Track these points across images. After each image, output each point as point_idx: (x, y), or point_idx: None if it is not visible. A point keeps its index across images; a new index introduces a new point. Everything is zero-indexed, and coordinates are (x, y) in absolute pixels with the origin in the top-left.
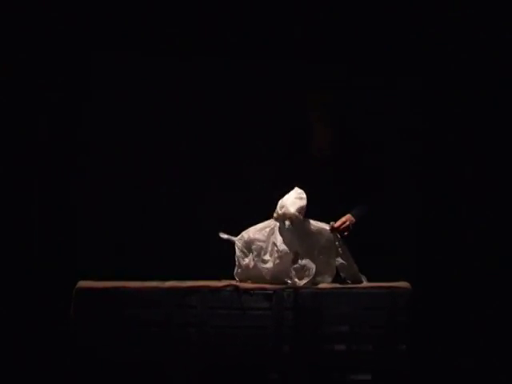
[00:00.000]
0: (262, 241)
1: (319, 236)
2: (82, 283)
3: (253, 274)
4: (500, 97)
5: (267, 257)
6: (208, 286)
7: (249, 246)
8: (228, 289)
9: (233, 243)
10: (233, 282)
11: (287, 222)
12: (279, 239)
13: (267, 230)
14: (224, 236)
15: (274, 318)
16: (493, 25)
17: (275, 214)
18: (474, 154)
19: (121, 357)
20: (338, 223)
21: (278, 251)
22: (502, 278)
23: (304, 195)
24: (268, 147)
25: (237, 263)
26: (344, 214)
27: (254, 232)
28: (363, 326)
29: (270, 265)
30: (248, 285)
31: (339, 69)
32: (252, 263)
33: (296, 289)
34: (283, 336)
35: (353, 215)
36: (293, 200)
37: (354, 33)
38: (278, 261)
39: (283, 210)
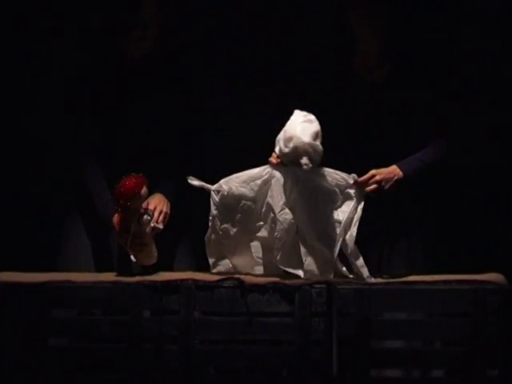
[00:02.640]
0: (249, 199)
1: (334, 195)
2: (4, 275)
3: (237, 250)
4: None
5: (261, 225)
6: (196, 280)
7: (230, 203)
8: (226, 284)
9: (207, 192)
10: (234, 275)
11: (304, 161)
12: (278, 200)
13: (258, 182)
14: (194, 182)
15: (297, 328)
16: None
17: (275, 157)
18: None
19: None
20: (361, 179)
21: (276, 221)
22: None
23: (313, 117)
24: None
25: (210, 224)
26: None
27: (239, 184)
28: (434, 342)
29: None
30: (258, 279)
31: None
32: (235, 230)
33: (331, 284)
34: (312, 356)
35: (400, 168)
36: (301, 125)
37: None
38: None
39: (293, 143)
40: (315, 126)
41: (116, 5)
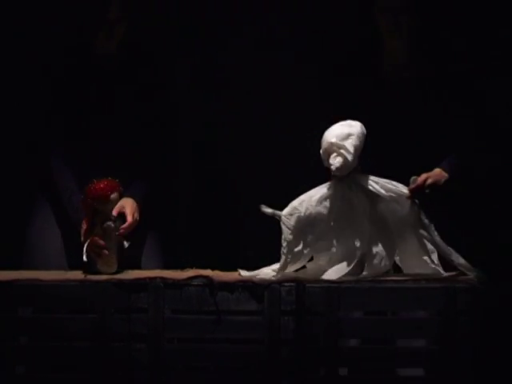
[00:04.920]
0: (324, 216)
1: (395, 205)
2: None
3: (309, 269)
4: None
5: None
6: (165, 278)
7: (304, 225)
8: (195, 282)
9: (278, 220)
10: (203, 272)
11: (330, 161)
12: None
13: (329, 199)
14: (268, 210)
15: (266, 327)
16: None
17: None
18: None
19: None
20: (416, 184)
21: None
22: None
23: (356, 123)
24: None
25: (284, 251)
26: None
27: (314, 203)
28: (404, 341)
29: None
30: (227, 277)
31: None
32: (307, 251)
33: (300, 283)
34: (281, 354)
35: (443, 169)
36: (335, 127)
37: None
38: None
39: (322, 146)
40: (351, 129)
41: (84, 5)
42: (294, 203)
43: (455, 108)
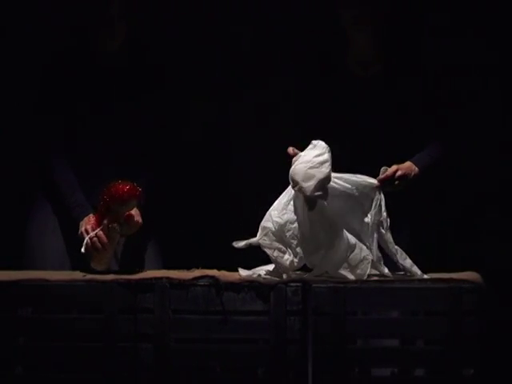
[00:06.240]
0: (295, 220)
1: (364, 199)
2: None
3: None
4: None
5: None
6: (171, 279)
7: (280, 237)
8: (202, 282)
9: (257, 246)
10: (209, 272)
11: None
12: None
13: (292, 202)
14: (240, 244)
15: (273, 327)
16: None
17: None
18: None
19: None
20: (385, 174)
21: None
22: None
23: (325, 153)
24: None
25: (279, 268)
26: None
27: (279, 213)
28: (410, 341)
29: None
30: (233, 277)
31: None
32: (296, 258)
33: (306, 283)
34: (287, 355)
35: (415, 164)
36: (308, 172)
37: None
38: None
39: (297, 188)
40: (323, 172)
41: (85, 3)
42: (262, 223)
43: (424, 106)
